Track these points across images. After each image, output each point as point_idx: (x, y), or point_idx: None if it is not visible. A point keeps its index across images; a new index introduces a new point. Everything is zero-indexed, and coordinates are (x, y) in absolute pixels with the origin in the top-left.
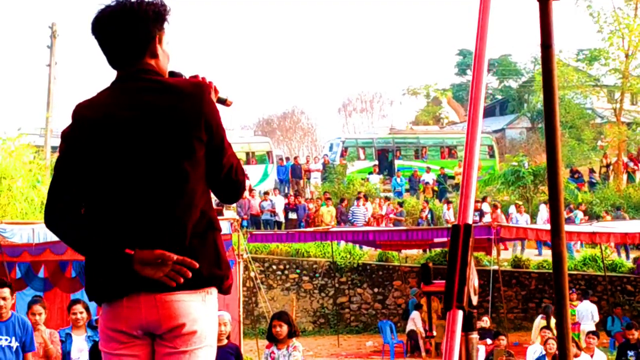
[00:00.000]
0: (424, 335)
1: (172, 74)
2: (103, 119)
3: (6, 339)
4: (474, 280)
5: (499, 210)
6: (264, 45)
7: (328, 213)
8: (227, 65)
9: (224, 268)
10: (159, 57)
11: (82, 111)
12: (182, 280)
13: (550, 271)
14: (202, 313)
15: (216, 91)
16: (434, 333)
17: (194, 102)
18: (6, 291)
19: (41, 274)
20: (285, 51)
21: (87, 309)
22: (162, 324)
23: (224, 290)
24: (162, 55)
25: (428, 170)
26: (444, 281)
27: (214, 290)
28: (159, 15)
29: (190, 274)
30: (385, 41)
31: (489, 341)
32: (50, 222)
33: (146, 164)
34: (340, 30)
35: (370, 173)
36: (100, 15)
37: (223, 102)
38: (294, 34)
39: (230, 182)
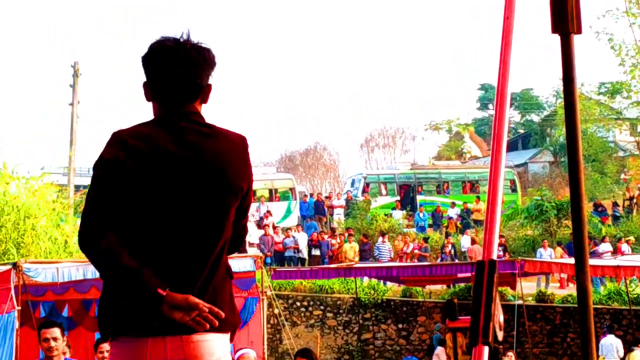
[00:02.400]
0: None
1: None
2: (155, 153)
3: None
4: (499, 316)
5: None
6: (286, 82)
7: (351, 249)
8: (249, 102)
9: (237, 315)
10: (204, 104)
11: (131, 140)
12: (208, 326)
13: (575, 305)
14: (223, 352)
15: None
16: None
17: (243, 154)
18: (56, 331)
19: (65, 312)
20: (307, 88)
21: None
22: None
23: (233, 337)
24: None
25: (453, 205)
26: (469, 317)
27: (227, 336)
28: (215, 66)
29: (217, 323)
30: (407, 77)
31: None
32: (87, 245)
33: (191, 206)
34: (362, 67)
35: (393, 209)
36: (170, 50)
37: None
38: (316, 71)
39: (240, 238)
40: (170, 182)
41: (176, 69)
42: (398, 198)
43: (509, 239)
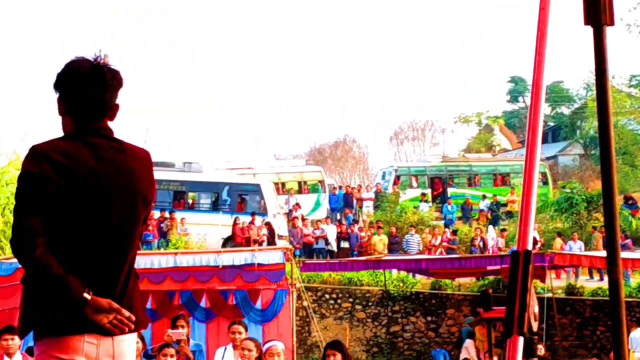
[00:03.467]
0: None
1: None
2: (78, 168)
3: None
4: (534, 307)
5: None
6: (315, 75)
7: (380, 242)
8: (278, 95)
9: (146, 314)
10: (110, 121)
11: (54, 155)
12: (126, 330)
13: (605, 298)
14: (135, 348)
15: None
16: (495, 359)
17: (150, 167)
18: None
19: None
20: (336, 80)
21: (142, 339)
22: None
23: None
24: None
25: (483, 197)
26: (503, 307)
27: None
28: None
29: (133, 327)
30: (437, 69)
31: None
32: (22, 254)
33: (110, 217)
34: (392, 59)
35: (426, 201)
36: (86, 72)
37: None
38: (345, 64)
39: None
40: (92, 196)
41: (91, 90)
42: (428, 191)
43: (539, 232)
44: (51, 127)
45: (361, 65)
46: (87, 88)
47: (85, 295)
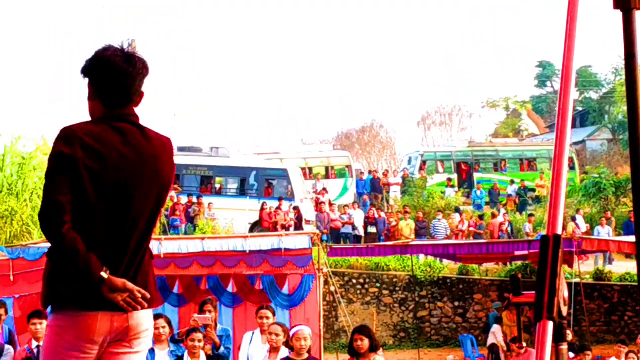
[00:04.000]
0: (505, 348)
1: None
2: (108, 153)
3: None
4: (563, 291)
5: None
6: (343, 60)
7: (407, 227)
8: (307, 80)
9: (158, 292)
10: (136, 107)
11: (87, 139)
12: (139, 309)
13: (634, 284)
14: (151, 324)
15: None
16: (524, 344)
17: (171, 154)
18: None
19: None
20: (364, 65)
21: (169, 323)
22: (131, 330)
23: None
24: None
25: (512, 182)
26: (533, 292)
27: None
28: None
29: (146, 305)
30: (465, 54)
31: (571, 355)
32: (49, 229)
33: (135, 201)
34: (420, 44)
35: (452, 187)
36: (118, 59)
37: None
38: (373, 49)
39: None
40: (120, 179)
41: (122, 77)
42: (455, 176)
43: (567, 217)
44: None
45: (390, 49)
46: (118, 76)
47: (103, 274)
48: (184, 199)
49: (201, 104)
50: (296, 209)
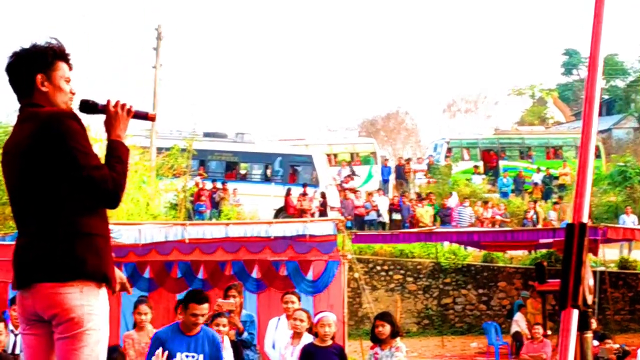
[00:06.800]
0: (529, 336)
1: (84, 103)
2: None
3: (192, 356)
4: (588, 279)
5: None
6: (368, 46)
7: (426, 213)
8: (332, 67)
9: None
10: (47, 92)
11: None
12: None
13: None
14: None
15: (130, 111)
16: (549, 332)
17: (49, 128)
18: (206, 307)
19: (147, 274)
20: (389, 52)
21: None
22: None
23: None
24: (52, 90)
25: (538, 170)
26: (558, 280)
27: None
28: (40, 58)
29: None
30: (490, 41)
31: (595, 343)
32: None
33: (21, 185)
34: (445, 30)
35: (478, 174)
36: (6, 64)
37: (144, 117)
38: (398, 35)
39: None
40: (8, 167)
41: (8, 75)
42: (481, 163)
43: (592, 205)
44: (135, 92)
45: (416, 36)
46: (9, 75)
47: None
48: (208, 185)
49: (227, 90)
50: (323, 194)
